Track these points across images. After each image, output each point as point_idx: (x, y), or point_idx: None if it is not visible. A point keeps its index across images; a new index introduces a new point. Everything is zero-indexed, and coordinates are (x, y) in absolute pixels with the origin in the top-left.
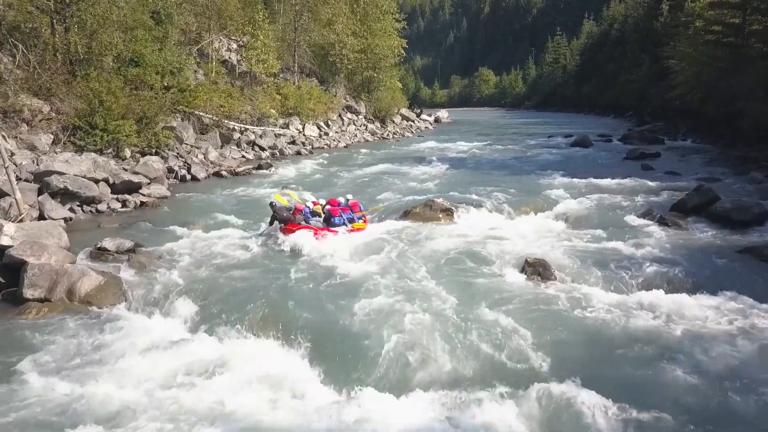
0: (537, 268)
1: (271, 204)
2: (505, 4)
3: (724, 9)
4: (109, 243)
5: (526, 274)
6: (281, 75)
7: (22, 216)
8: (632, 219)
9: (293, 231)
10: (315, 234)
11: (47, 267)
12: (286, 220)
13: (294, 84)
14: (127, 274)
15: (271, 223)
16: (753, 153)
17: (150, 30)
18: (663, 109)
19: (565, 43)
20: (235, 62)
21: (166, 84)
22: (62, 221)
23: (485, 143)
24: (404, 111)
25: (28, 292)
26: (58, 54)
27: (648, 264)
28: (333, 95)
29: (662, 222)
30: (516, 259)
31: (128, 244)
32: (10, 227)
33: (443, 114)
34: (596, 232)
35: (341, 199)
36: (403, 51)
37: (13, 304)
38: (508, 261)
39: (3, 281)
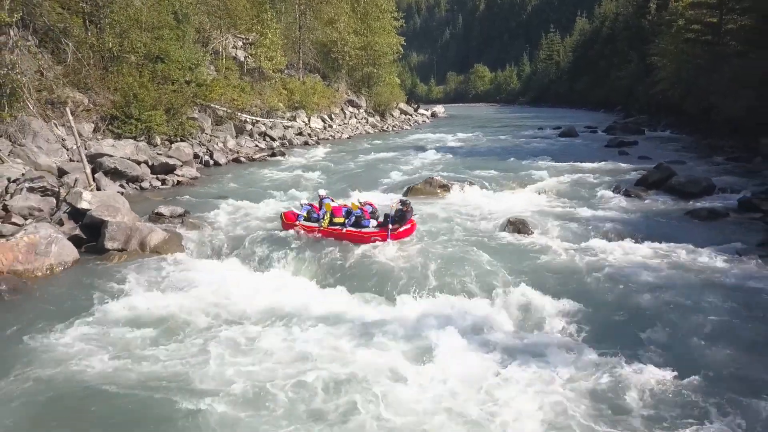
0: (517, 225)
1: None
2: (501, 2)
3: (702, 9)
4: (164, 209)
5: (507, 230)
6: (286, 71)
7: (92, 187)
8: (601, 192)
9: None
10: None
11: (123, 224)
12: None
13: (299, 79)
14: (183, 231)
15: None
16: (721, 142)
17: (173, 29)
18: (648, 104)
19: (559, 40)
20: (242, 59)
21: (187, 79)
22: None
23: (479, 134)
24: (402, 105)
25: (109, 244)
26: (91, 51)
27: (608, 223)
28: (335, 90)
29: (626, 194)
30: (500, 220)
31: (180, 210)
32: (87, 194)
33: (439, 109)
34: (569, 201)
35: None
36: (401, 48)
37: (97, 253)
38: (494, 221)
39: (84, 237)
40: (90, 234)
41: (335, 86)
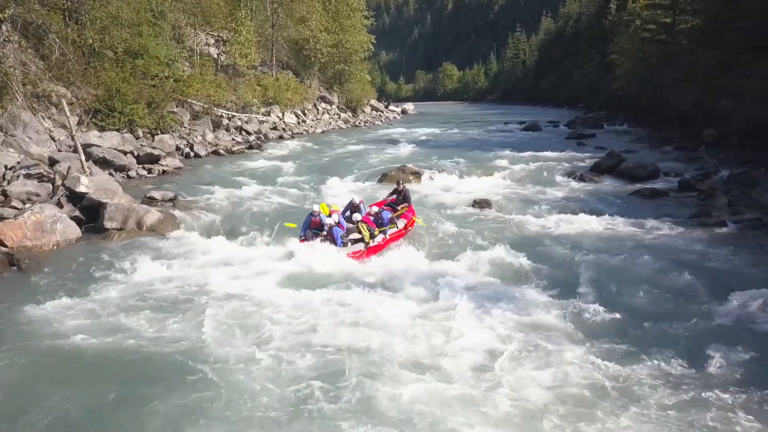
0: (482, 204)
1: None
2: (468, 1)
3: (657, 9)
4: (155, 193)
5: (473, 207)
6: (260, 68)
7: (87, 173)
8: (559, 177)
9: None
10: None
11: (120, 205)
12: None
13: (272, 76)
14: (177, 212)
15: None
16: (671, 134)
17: (152, 26)
18: (608, 100)
19: (525, 40)
20: (215, 56)
21: (166, 74)
22: None
23: (448, 129)
24: (374, 102)
25: (108, 224)
26: (71, 47)
27: (563, 202)
28: (308, 86)
29: (581, 178)
30: (467, 201)
31: (170, 194)
32: (84, 179)
33: (409, 106)
34: (529, 185)
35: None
36: (371, 46)
37: (96, 232)
38: (461, 202)
39: (83, 218)
40: (88, 215)
41: (308, 83)
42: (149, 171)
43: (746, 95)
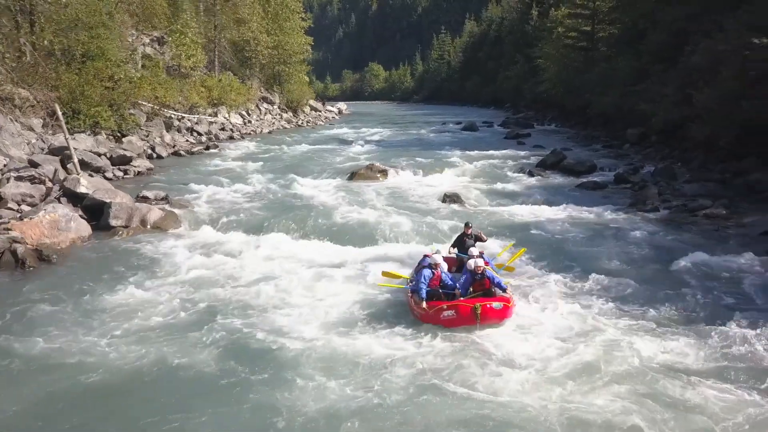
0: (452, 198)
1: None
2: (392, 2)
3: (578, 18)
4: (148, 193)
5: (445, 202)
6: (202, 69)
7: (79, 176)
8: (510, 173)
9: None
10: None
11: (124, 204)
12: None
13: (215, 77)
14: (175, 210)
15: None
16: (596, 133)
17: (108, 28)
18: (534, 101)
19: (449, 41)
20: (160, 57)
21: (121, 76)
22: None
23: (391, 129)
24: (312, 102)
25: (113, 222)
26: (24, 49)
27: (518, 194)
28: (249, 87)
29: (530, 174)
30: (437, 195)
31: (162, 193)
32: (84, 180)
33: (344, 106)
34: (487, 180)
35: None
36: (309, 48)
37: (103, 230)
38: (432, 196)
39: (86, 217)
40: (90, 214)
41: (249, 83)
42: (125, 172)
43: (663, 100)
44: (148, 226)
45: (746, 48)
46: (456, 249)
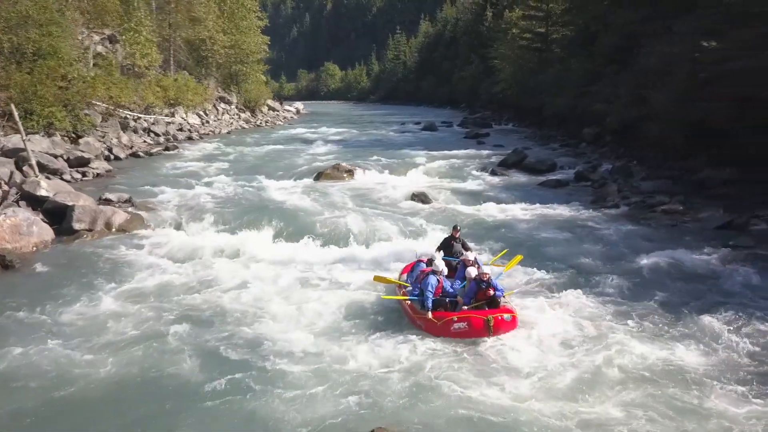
0: (420, 197)
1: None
2: (347, 1)
3: (532, 20)
4: (111, 195)
5: (413, 200)
6: (158, 68)
7: (39, 178)
8: (474, 172)
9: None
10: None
11: (88, 207)
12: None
13: (170, 77)
14: (141, 212)
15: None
16: (552, 132)
17: (60, 26)
18: (490, 101)
19: (405, 41)
20: (111, 56)
21: (74, 75)
22: None
23: (351, 129)
24: (270, 102)
25: (77, 225)
26: None
27: (483, 193)
28: (206, 87)
29: (493, 173)
30: (405, 194)
31: (125, 196)
32: (44, 182)
33: (301, 106)
34: (451, 180)
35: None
36: (266, 48)
37: (66, 234)
38: (400, 195)
39: (47, 220)
40: (51, 217)
41: (205, 83)
42: (84, 174)
43: (616, 101)
44: (114, 229)
45: (696, 51)
46: (442, 252)
